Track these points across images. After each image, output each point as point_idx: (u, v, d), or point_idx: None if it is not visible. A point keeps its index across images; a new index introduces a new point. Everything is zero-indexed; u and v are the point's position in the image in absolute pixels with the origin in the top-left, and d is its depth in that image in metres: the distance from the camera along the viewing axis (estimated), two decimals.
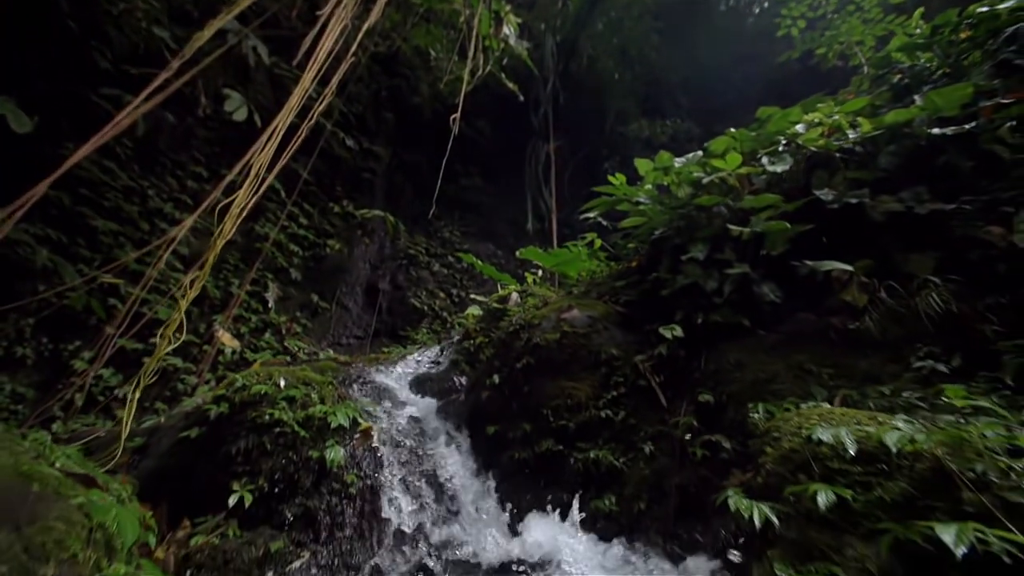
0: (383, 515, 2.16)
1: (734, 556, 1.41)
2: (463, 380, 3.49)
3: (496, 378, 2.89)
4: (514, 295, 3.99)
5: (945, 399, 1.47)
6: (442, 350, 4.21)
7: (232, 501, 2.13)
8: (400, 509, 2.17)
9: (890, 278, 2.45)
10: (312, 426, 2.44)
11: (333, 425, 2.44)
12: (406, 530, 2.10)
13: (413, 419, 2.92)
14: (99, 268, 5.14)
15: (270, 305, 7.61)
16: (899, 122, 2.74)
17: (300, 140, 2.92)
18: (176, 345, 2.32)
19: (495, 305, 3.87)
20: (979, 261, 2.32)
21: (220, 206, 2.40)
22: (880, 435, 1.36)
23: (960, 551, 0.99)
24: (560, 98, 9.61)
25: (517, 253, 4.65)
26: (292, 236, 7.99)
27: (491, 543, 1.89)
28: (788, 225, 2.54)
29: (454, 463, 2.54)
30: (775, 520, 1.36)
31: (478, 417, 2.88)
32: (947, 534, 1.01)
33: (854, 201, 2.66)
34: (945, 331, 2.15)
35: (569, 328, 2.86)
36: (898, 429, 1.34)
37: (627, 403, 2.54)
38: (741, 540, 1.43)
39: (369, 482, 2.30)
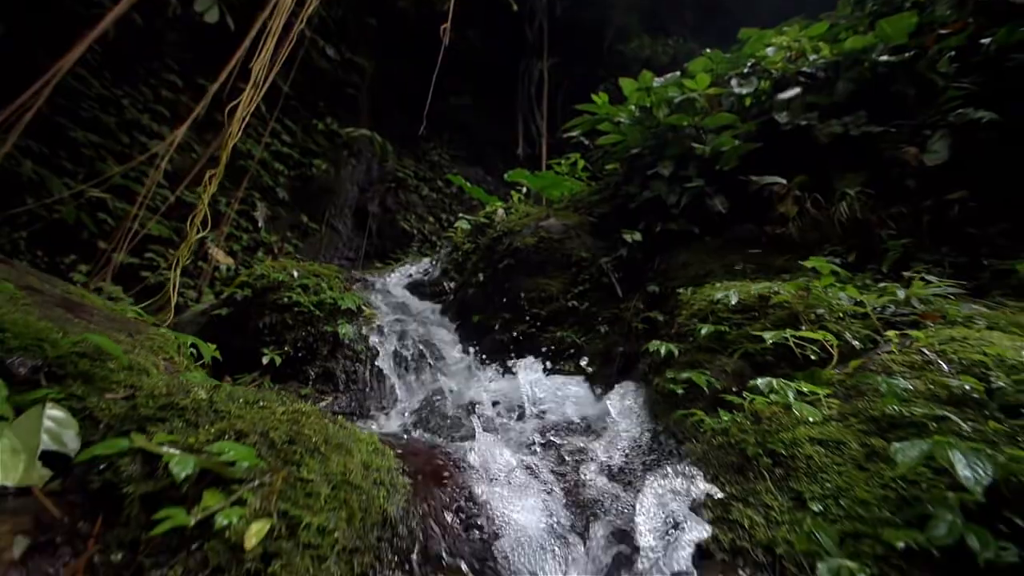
0: (387, 374, 2.80)
1: (648, 376, 2.05)
2: (452, 285, 4.05)
3: (481, 276, 3.44)
4: (500, 211, 4.42)
5: (813, 272, 2.03)
6: (432, 262, 4.73)
7: (264, 361, 2.73)
8: (402, 369, 2.80)
9: (825, 193, 2.94)
10: (325, 308, 2.99)
11: (343, 307, 2.99)
12: (408, 383, 2.74)
13: (410, 309, 3.51)
14: (84, 182, 5.36)
15: (260, 224, 7.93)
16: (856, 49, 3.05)
17: (292, 41, 3.11)
18: (202, 235, 2.77)
19: (482, 220, 4.31)
20: (896, 178, 2.81)
21: (229, 107, 2.70)
22: (755, 290, 1.94)
23: (770, 342, 1.59)
24: (557, 8, 9.21)
25: (505, 176, 4.99)
26: (276, 154, 8.08)
27: (474, 388, 2.54)
28: (737, 142, 2.95)
29: (444, 342, 3.16)
30: (675, 351, 1.98)
31: (465, 309, 3.47)
32: (767, 336, 1.61)
33: (803, 123, 3.06)
34: (851, 235, 2.70)
35: (546, 234, 3.36)
36: (768, 286, 1.92)
37: (591, 296, 3.13)
38: (654, 367, 2.05)
39: (375, 351, 2.91)
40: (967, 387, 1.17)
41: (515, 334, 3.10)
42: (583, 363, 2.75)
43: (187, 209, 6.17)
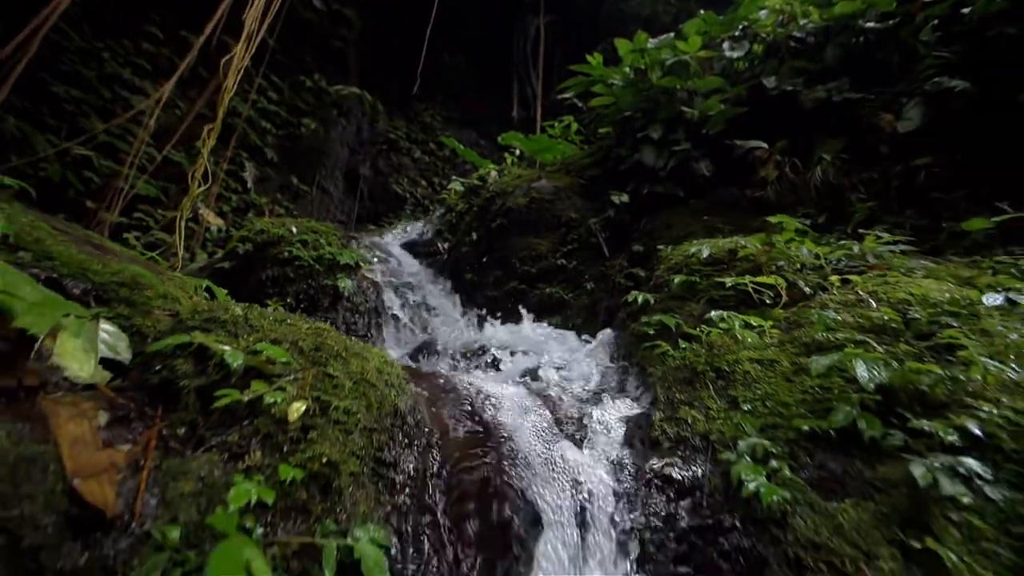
0: (385, 325, 3.01)
1: (626, 323, 2.28)
2: (445, 245, 4.22)
3: (474, 236, 3.61)
4: (493, 173, 4.54)
5: (782, 229, 2.24)
6: (426, 224, 4.88)
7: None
8: (400, 320, 3.02)
9: (805, 158, 3.11)
10: (324, 262, 3.16)
11: (342, 263, 3.17)
12: (405, 333, 2.97)
13: (404, 267, 3.69)
14: (67, 139, 5.33)
15: (249, 185, 7.91)
16: (846, 14, 3.14)
17: None
18: (204, 189, 2.89)
19: (475, 182, 4.43)
20: (871, 144, 2.98)
21: (224, 60, 2.76)
22: (726, 245, 2.15)
23: (730, 286, 1.82)
24: None
25: (499, 138, 5.06)
26: (263, 112, 7.96)
27: (467, 336, 2.77)
28: (724, 107, 3.09)
29: (438, 297, 3.37)
30: (651, 300, 2.20)
31: (458, 268, 3.66)
32: (728, 281, 1.84)
33: (790, 88, 3.19)
34: (824, 198, 2.89)
35: (537, 195, 3.52)
36: (736, 241, 2.13)
37: (579, 255, 3.33)
38: (631, 315, 2.28)
39: (374, 304, 3.11)
40: (886, 318, 1.41)
41: (507, 290, 3.31)
42: (570, 315, 2.99)
43: (173, 168, 6.17)
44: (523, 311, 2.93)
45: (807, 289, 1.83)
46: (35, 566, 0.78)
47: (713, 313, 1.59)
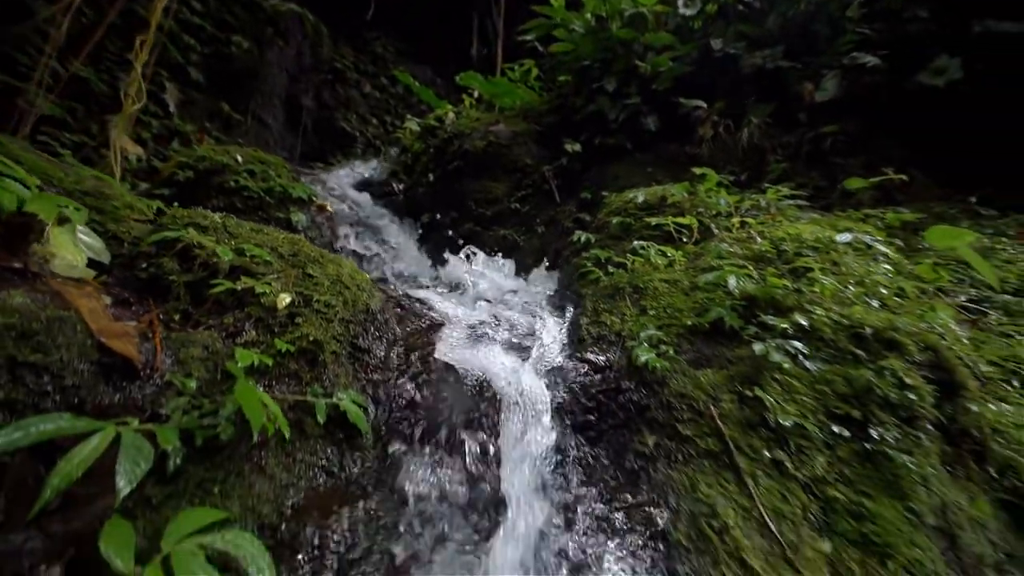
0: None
1: (569, 259, 2.64)
2: (400, 186, 4.32)
3: (431, 177, 3.76)
4: (450, 115, 4.60)
5: (705, 179, 2.64)
6: (380, 164, 4.89)
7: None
8: (356, 255, 3.19)
9: (739, 120, 3.51)
10: (275, 195, 3.20)
11: (294, 196, 3.22)
12: (362, 267, 3.15)
13: (359, 205, 3.79)
14: None
15: (171, 109, 7.25)
16: None
17: None
18: (139, 107, 2.79)
19: (432, 122, 4.48)
20: (793, 110, 3.43)
21: None
22: (659, 192, 2.52)
23: (654, 224, 2.21)
24: None
25: (458, 78, 5.04)
26: (185, 25, 7.18)
27: (426, 271, 3.02)
28: (673, 64, 3.38)
29: (395, 235, 3.55)
30: (592, 239, 2.56)
31: (414, 208, 3.82)
32: (655, 221, 2.22)
33: (732, 52, 3.53)
34: (748, 157, 3.35)
35: (495, 139, 3.70)
36: (667, 188, 2.50)
37: (532, 200, 3.61)
38: (574, 252, 2.63)
39: (329, 239, 3.24)
40: (764, 250, 1.84)
41: (462, 231, 3.55)
42: (521, 257, 3.30)
43: (79, 86, 5.58)
44: (478, 251, 3.20)
45: (716, 230, 2.25)
46: (77, 400, 1.00)
47: (636, 243, 1.96)
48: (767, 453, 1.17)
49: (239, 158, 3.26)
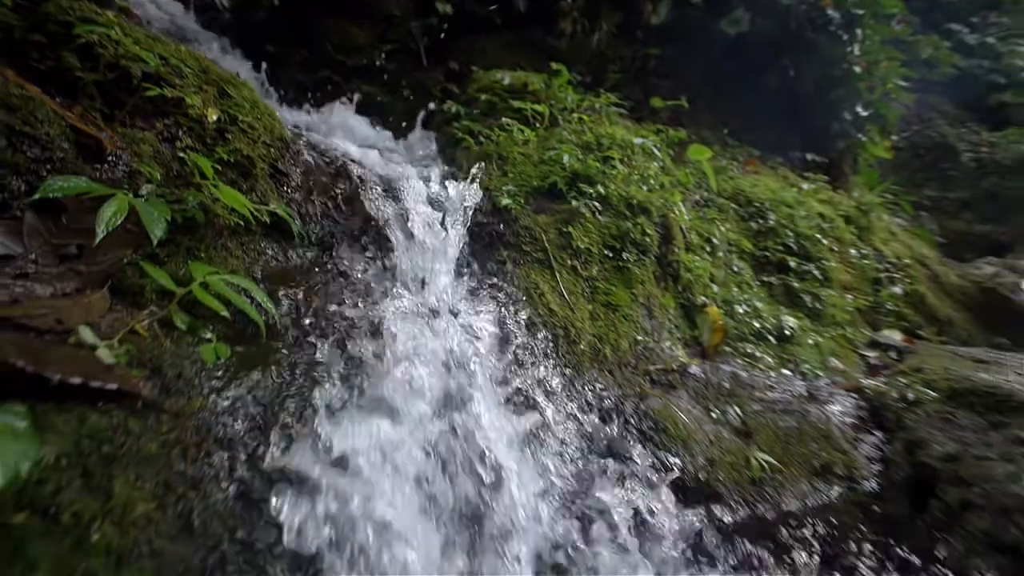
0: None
1: (441, 127, 3.07)
2: (226, 2, 3.77)
3: (276, 1, 3.45)
4: None
5: (559, 75, 3.29)
6: None
7: None
8: None
9: (594, 22, 4.16)
10: None
11: None
12: None
13: (172, 16, 3.28)
14: None
15: None
16: None
17: None
18: None
19: None
20: (634, 27, 4.25)
21: None
22: (522, 79, 3.09)
23: (517, 109, 2.84)
24: None
25: None
26: None
27: (283, 116, 3.03)
28: None
29: (229, 63, 3.28)
30: (462, 112, 3.02)
31: (252, 35, 3.47)
32: (516, 104, 2.84)
33: None
34: (595, 62, 4.11)
35: None
36: (529, 75, 3.09)
37: (398, 58, 3.72)
38: (446, 121, 3.07)
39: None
40: (590, 140, 2.66)
41: (320, 78, 3.51)
42: (388, 118, 3.54)
43: None
44: (340, 105, 3.31)
45: (561, 121, 2.99)
46: (74, 171, 1.17)
47: (504, 120, 2.56)
48: (569, 262, 2.07)
49: None
